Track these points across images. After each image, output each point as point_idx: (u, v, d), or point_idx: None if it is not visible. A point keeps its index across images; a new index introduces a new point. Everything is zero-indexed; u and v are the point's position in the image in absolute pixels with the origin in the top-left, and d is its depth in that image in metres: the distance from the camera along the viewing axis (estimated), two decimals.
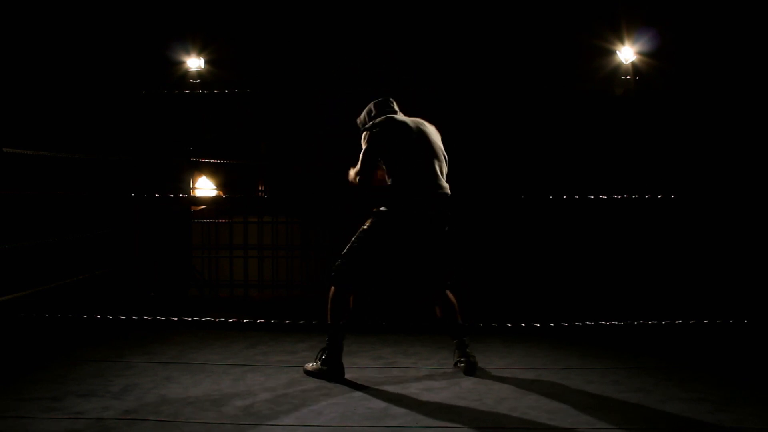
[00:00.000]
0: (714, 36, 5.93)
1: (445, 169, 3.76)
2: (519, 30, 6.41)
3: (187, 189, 6.42)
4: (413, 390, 3.44)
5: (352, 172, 3.80)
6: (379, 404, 3.21)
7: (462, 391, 3.42)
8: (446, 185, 3.72)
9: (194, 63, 6.48)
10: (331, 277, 3.68)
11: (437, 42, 6.28)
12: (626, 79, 6.31)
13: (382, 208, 3.67)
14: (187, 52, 6.45)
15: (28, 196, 5.13)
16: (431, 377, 3.66)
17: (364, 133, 3.73)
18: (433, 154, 3.71)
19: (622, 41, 6.24)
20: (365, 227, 3.67)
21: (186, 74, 6.50)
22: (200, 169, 6.70)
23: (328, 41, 6.50)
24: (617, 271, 5.75)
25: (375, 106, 3.84)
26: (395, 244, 3.65)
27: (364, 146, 3.70)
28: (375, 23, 6.36)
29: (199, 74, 6.51)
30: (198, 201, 6.70)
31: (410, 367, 3.86)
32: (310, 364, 3.73)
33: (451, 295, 3.79)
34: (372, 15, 6.37)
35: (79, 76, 5.76)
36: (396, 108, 3.85)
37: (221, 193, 7.02)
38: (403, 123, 3.72)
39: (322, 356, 3.68)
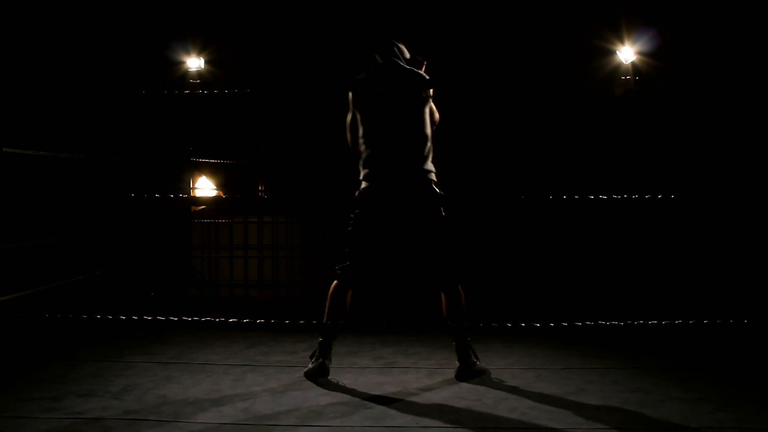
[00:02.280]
0: (714, 36, 5.93)
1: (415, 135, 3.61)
2: (519, 30, 6.40)
3: (187, 189, 6.42)
4: (413, 390, 3.44)
5: None
6: (379, 404, 3.21)
7: (462, 391, 3.42)
8: (410, 155, 3.59)
9: (194, 63, 6.47)
10: (335, 272, 3.67)
11: (437, 41, 6.28)
12: (626, 79, 6.31)
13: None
14: (187, 52, 6.45)
15: (28, 196, 5.13)
16: (431, 377, 3.66)
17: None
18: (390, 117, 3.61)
19: (622, 41, 6.24)
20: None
21: (186, 74, 6.50)
22: (200, 169, 6.70)
23: (328, 41, 6.50)
24: (617, 271, 5.75)
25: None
26: (378, 224, 3.60)
27: None
28: (376, 23, 6.36)
29: (199, 74, 6.51)
30: (198, 201, 6.70)
31: (410, 367, 3.86)
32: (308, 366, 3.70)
33: (460, 290, 3.63)
34: (373, 15, 6.37)
35: (79, 76, 5.76)
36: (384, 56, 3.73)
37: (221, 193, 7.02)
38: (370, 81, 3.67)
39: (314, 354, 3.65)
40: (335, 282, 3.65)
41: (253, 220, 6.29)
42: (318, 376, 3.59)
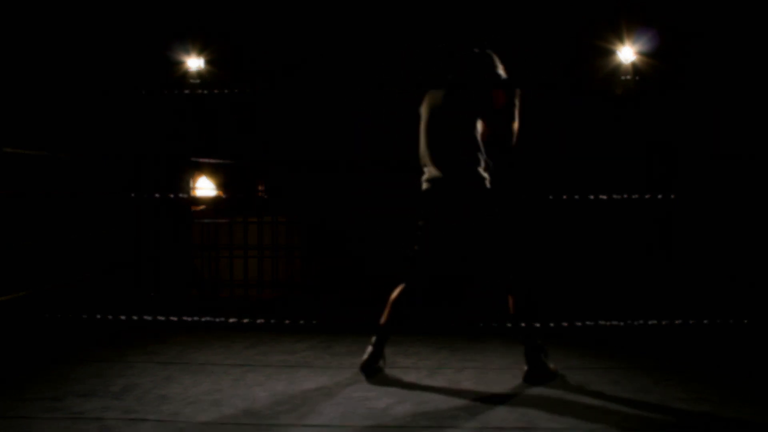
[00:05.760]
0: (714, 36, 5.93)
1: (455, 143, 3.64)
2: (519, 30, 6.41)
3: (187, 189, 6.42)
4: (413, 390, 3.44)
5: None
6: (379, 404, 3.21)
7: (462, 391, 3.42)
8: (447, 164, 3.61)
9: (194, 63, 6.48)
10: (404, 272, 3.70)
11: (437, 41, 6.29)
12: (626, 79, 6.31)
13: None
14: (187, 52, 6.46)
15: (28, 196, 5.13)
16: (431, 377, 3.66)
17: None
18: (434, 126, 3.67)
19: (622, 41, 6.24)
20: None
21: (186, 74, 6.50)
22: (200, 169, 6.70)
23: (329, 40, 6.50)
24: (617, 271, 5.75)
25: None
26: (438, 230, 3.63)
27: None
28: (376, 23, 6.36)
29: (199, 74, 6.51)
30: (198, 201, 6.71)
31: (410, 367, 3.86)
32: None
33: (525, 293, 3.65)
34: (373, 14, 6.37)
35: (79, 76, 5.76)
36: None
37: (221, 193, 7.02)
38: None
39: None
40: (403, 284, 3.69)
41: (253, 220, 6.29)
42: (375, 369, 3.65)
